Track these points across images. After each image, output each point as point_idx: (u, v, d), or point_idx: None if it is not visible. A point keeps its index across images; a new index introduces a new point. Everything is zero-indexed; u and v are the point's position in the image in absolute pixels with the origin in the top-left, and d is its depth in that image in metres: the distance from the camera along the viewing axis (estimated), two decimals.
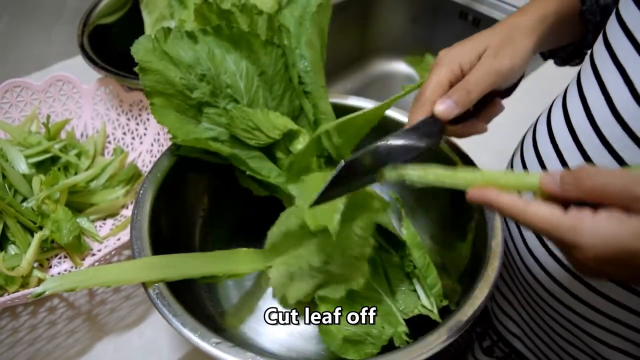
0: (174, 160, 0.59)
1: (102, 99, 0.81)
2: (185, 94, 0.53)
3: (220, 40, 0.52)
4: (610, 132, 0.47)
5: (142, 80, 0.52)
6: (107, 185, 0.75)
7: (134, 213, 0.55)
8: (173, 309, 0.48)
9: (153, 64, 0.51)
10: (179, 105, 0.54)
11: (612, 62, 0.47)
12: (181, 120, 0.54)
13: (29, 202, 0.69)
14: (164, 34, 0.51)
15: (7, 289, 0.63)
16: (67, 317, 0.66)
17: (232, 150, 0.54)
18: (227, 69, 0.52)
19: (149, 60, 0.51)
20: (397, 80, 1.25)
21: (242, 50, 0.53)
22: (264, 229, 0.56)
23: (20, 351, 0.62)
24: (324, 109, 0.56)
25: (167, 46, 0.51)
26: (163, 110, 0.53)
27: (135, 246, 0.53)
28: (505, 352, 0.77)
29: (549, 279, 0.57)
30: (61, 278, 0.47)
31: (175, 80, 0.52)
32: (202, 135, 0.55)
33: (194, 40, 0.52)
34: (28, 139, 0.75)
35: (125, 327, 0.65)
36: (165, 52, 0.51)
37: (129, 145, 0.79)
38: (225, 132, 0.55)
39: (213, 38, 0.52)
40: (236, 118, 0.52)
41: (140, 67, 0.51)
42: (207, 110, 0.54)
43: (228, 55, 0.52)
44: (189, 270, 0.51)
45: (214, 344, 0.45)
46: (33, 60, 1.00)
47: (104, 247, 0.69)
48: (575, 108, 0.52)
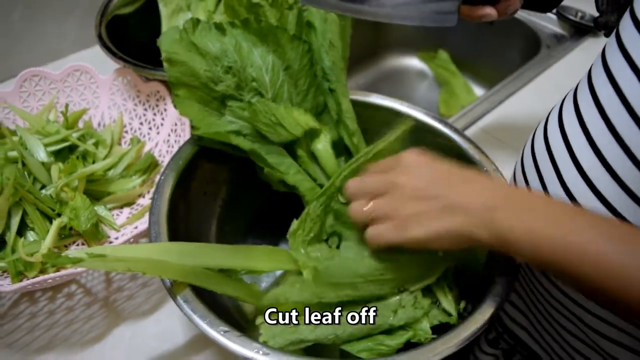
0: (196, 149, 0.60)
1: (120, 89, 0.82)
2: (210, 87, 0.54)
3: (248, 34, 0.53)
4: (622, 129, 0.46)
5: (167, 71, 0.53)
6: (124, 175, 0.76)
7: (154, 198, 0.56)
8: (185, 296, 0.49)
9: (179, 55, 0.52)
10: (202, 98, 0.54)
11: (624, 60, 0.46)
12: (204, 112, 0.55)
13: (48, 190, 0.70)
14: (192, 25, 0.52)
15: (27, 274, 0.64)
16: (85, 303, 0.67)
17: (253, 145, 0.55)
18: (253, 62, 0.53)
19: (175, 52, 0.52)
20: (409, 75, 1.25)
21: (269, 45, 0.53)
22: (281, 223, 0.57)
23: (38, 335, 0.63)
24: (346, 107, 0.57)
25: (195, 37, 0.52)
26: (186, 101, 0.54)
27: (153, 231, 0.54)
28: (511, 344, 0.78)
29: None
30: (83, 250, 0.47)
31: (200, 72, 0.53)
32: (224, 128, 0.55)
33: (222, 32, 0.52)
34: (46, 128, 0.76)
35: (141, 314, 0.66)
36: (193, 43, 0.52)
37: (146, 135, 0.80)
38: (248, 126, 0.56)
39: (241, 31, 0.53)
40: (259, 112, 0.53)
41: (167, 58, 0.52)
42: (230, 103, 0.55)
43: (255, 48, 0.53)
44: (208, 261, 0.52)
45: (222, 332, 0.46)
46: (48, 51, 1.01)
47: (120, 235, 0.70)
48: (587, 103, 0.51)
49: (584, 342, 0.61)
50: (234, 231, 0.65)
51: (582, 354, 0.62)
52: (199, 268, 0.50)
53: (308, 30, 0.57)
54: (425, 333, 0.54)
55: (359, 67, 1.26)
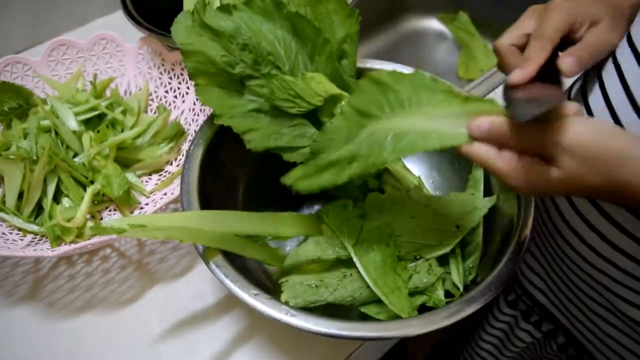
0: None
1: (145, 58, 0.84)
2: (227, 71, 0.55)
3: (253, 14, 0.54)
4: None
5: (185, 63, 0.54)
6: (152, 142, 0.78)
7: (184, 167, 0.59)
8: (217, 261, 0.52)
9: (194, 45, 0.54)
10: (221, 82, 0.56)
11: None
12: (224, 95, 0.57)
13: (80, 158, 0.73)
14: (203, 5, 0.53)
15: (64, 238, 0.68)
16: (120, 265, 0.71)
17: (268, 140, 0.58)
18: (265, 37, 0.54)
19: (190, 42, 0.53)
20: (429, 38, 1.24)
21: (276, 21, 0.54)
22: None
23: (78, 296, 0.68)
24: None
25: (207, 18, 0.53)
26: (207, 89, 0.56)
27: (185, 199, 0.57)
28: (529, 305, 0.81)
29: (573, 234, 0.59)
30: (124, 219, 0.50)
31: (216, 58, 0.54)
32: (245, 107, 0.57)
33: (229, 13, 0.53)
34: (76, 97, 0.78)
35: (173, 276, 0.70)
36: (206, 24, 0.53)
37: (172, 104, 0.82)
38: (267, 103, 0.58)
39: (246, 12, 0.54)
40: (277, 89, 0.54)
41: (183, 51, 0.54)
42: (249, 82, 0.57)
43: (262, 25, 0.54)
44: (238, 227, 0.55)
45: (252, 295, 0.50)
46: (73, 17, 1.03)
47: (150, 200, 0.73)
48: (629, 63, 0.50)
49: (601, 304, 0.63)
50: (260, 198, 0.68)
51: (598, 314, 0.65)
52: (229, 234, 0.53)
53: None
54: (438, 299, 0.57)
55: (378, 30, 1.26)
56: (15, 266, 0.70)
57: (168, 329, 0.65)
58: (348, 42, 0.60)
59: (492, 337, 0.91)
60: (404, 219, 0.59)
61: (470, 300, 0.49)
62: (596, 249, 0.57)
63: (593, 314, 0.66)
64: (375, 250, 0.57)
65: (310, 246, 0.59)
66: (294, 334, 0.64)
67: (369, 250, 0.57)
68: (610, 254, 0.56)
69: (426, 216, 0.59)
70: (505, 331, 0.88)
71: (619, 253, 0.55)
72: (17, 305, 0.67)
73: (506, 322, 0.86)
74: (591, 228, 0.56)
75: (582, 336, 0.71)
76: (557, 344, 0.78)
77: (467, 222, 0.59)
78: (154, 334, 0.65)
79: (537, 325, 0.81)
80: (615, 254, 0.55)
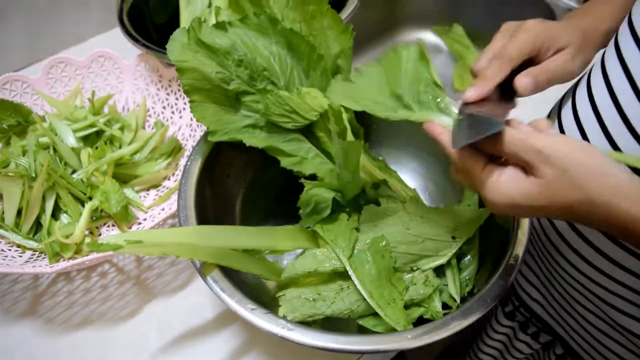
0: None
1: (142, 74, 0.85)
2: (223, 87, 0.56)
3: (248, 30, 0.55)
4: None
5: (180, 80, 0.55)
6: (150, 158, 0.79)
7: (182, 183, 0.60)
8: (214, 276, 0.52)
9: (189, 63, 0.54)
10: (217, 98, 0.57)
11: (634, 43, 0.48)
12: (220, 111, 0.58)
13: (79, 174, 0.73)
14: (198, 23, 0.54)
15: (63, 254, 0.68)
16: (118, 281, 0.71)
17: (268, 140, 0.58)
18: (260, 53, 0.55)
19: (184, 60, 0.54)
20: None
21: (271, 37, 0.55)
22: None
23: (77, 312, 0.68)
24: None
25: (203, 35, 0.54)
26: (202, 105, 0.57)
27: (182, 214, 0.57)
28: (526, 316, 0.81)
29: (567, 247, 0.60)
30: (120, 236, 0.49)
31: (211, 75, 0.55)
32: (240, 123, 0.58)
33: (224, 30, 0.54)
34: (75, 114, 0.79)
35: (171, 291, 0.70)
36: (202, 41, 0.54)
37: (169, 119, 0.83)
38: (263, 119, 0.58)
39: (241, 28, 0.55)
40: (272, 104, 0.55)
41: (178, 68, 0.55)
42: (244, 98, 0.57)
43: (257, 41, 0.55)
44: (235, 242, 0.55)
45: (250, 310, 0.50)
46: (71, 35, 1.04)
47: (148, 216, 0.74)
48: (616, 72, 0.51)
49: (596, 315, 0.63)
50: (257, 212, 0.68)
51: (594, 325, 0.65)
52: (226, 249, 0.54)
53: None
54: (436, 311, 0.57)
55: (374, 42, 1.27)
56: (14, 283, 0.71)
57: (166, 344, 0.65)
58: (342, 57, 0.61)
59: (491, 348, 0.91)
60: (400, 230, 0.59)
61: (467, 313, 0.49)
62: (591, 261, 0.57)
63: (589, 325, 0.66)
64: (370, 262, 0.57)
65: (307, 259, 0.59)
66: (293, 347, 0.64)
67: (364, 263, 0.57)
68: (605, 266, 0.56)
69: (422, 227, 0.59)
70: (504, 342, 0.88)
71: (614, 265, 0.55)
72: (17, 322, 0.67)
73: (504, 333, 0.86)
74: (585, 240, 0.57)
75: (579, 347, 0.72)
76: (556, 355, 0.78)
77: (463, 233, 0.59)
78: (153, 349, 0.65)
79: (535, 336, 0.81)
80: (610, 265, 0.56)
